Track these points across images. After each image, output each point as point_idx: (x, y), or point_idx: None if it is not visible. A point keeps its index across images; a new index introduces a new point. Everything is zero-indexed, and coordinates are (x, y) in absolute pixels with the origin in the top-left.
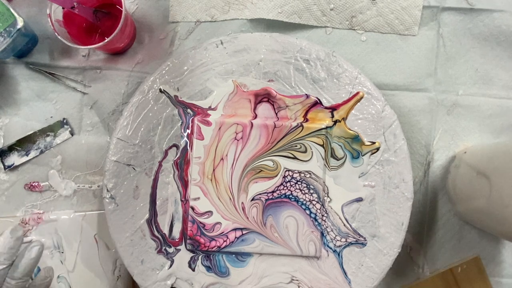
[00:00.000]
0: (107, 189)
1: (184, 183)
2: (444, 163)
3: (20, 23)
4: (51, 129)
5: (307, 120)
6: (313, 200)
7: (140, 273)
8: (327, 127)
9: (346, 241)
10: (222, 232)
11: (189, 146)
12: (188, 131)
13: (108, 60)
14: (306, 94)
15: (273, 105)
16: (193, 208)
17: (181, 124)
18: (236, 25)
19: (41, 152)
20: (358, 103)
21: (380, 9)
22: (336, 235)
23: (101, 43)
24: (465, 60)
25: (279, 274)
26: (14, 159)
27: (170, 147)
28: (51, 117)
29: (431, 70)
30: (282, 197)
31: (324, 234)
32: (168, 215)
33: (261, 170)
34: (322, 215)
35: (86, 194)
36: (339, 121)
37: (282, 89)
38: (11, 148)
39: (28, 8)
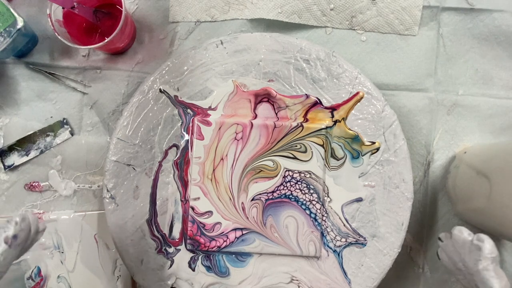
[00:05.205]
0: (107, 189)
1: (184, 183)
2: (444, 163)
3: (20, 23)
4: (51, 129)
5: (307, 120)
6: (313, 200)
7: (140, 273)
8: (327, 127)
9: (346, 241)
10: (222, 232)
11: (189, 146)
12: (188, 136)
13: (108, 60)
14: (306, 94)
15: (273, 105)
16: (193, 208)
17: (181, 124)
18: (236, 25)
19: (41, 152)
20: (358, 103)
21: (380, 9)
22: (336, 235)
23: (101, 43)
24: (465, 60)
25: (279, 274)
26: (14, 159)
27: (170, 147)
28: (51, 117)
29: (431, 70)
30: (282, 197)
31: (324, 234)
32: (168, 215)
33: (261, 170)
34: (322, 215)
35: (86, 194)
36: (339, 121)
37: (282, 89)
38: (11, 148)
39: (28, 8)
